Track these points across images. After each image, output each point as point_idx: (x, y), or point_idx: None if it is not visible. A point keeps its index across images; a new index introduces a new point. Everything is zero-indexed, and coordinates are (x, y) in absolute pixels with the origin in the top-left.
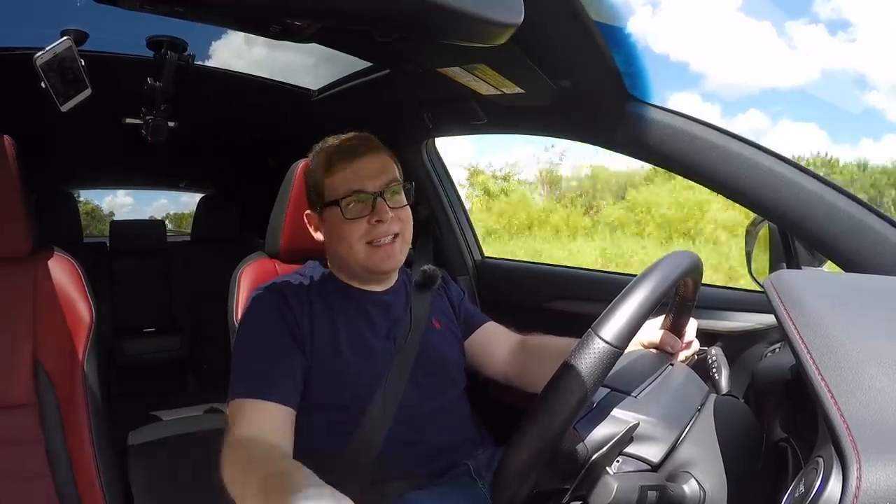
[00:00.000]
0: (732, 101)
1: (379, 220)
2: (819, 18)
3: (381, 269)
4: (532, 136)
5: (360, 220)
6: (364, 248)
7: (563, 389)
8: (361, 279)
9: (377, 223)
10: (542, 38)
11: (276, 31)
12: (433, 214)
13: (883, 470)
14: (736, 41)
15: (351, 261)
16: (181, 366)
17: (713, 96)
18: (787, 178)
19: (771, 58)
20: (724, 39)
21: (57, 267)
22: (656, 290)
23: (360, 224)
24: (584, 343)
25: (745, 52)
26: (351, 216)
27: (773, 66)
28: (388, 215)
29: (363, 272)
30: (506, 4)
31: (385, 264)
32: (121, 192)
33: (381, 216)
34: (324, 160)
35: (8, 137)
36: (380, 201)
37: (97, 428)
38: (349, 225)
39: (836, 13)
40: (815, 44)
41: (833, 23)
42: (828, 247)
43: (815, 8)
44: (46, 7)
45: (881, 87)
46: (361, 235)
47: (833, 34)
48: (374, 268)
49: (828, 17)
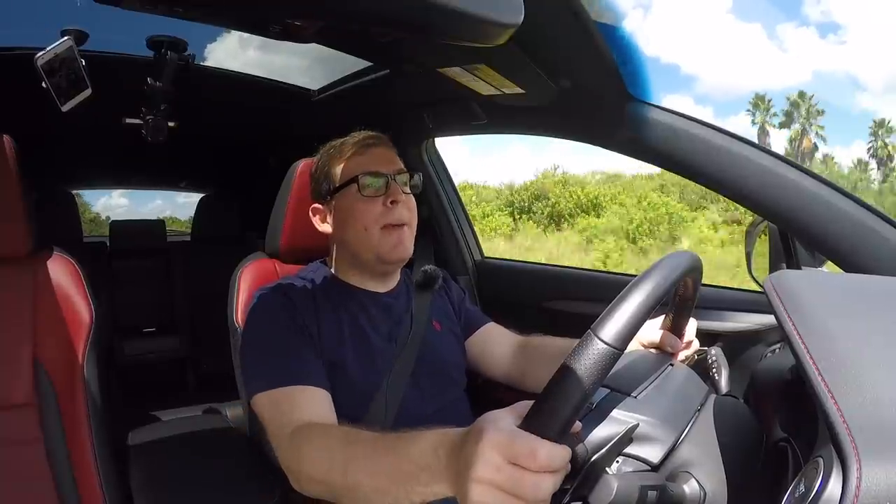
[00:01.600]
0: (725, 104)
1: (394, 200)
2: (809, 21)
3: (392, 258)
4: (532, 136)
5: (376, 199)
6: (378, 232)
7: (562, 390)
8: (367, 274)
9: (392, 204)
10: (542, 38)
11: (276, 32)
12: (433, 214)
13: (883, 469)
14: (727, 44)
15: (363, 246)
16: (181, 366)
17: (706, 98)
18: (787, 178)
19: (762, 60)
20: (715, 42)
21: (57, 267)
22: (656, 290)
23: (376, 204)
24: (583, 344)
25: (737, 54)
26: (367, 193)
27: (764, 68)
28: (401, 196)
29: (374, 260)
30: (506, 4)
31: (396, 251)
32: (116, 193)
33: (396, 196)
34: (336, 151)
35: (8, 137)
36: (393, 183)
37: (97, 428)
38: (364, 204)
39: (825, 16)
40: (806, 46)
41: (823, 25)
42: (828, 247)
43: (805, 10)
44: (46, 7)
45: (872, 88)
46: (377, 217)
47: (823, 36)
48: (385, 254)
49: (818, 20)
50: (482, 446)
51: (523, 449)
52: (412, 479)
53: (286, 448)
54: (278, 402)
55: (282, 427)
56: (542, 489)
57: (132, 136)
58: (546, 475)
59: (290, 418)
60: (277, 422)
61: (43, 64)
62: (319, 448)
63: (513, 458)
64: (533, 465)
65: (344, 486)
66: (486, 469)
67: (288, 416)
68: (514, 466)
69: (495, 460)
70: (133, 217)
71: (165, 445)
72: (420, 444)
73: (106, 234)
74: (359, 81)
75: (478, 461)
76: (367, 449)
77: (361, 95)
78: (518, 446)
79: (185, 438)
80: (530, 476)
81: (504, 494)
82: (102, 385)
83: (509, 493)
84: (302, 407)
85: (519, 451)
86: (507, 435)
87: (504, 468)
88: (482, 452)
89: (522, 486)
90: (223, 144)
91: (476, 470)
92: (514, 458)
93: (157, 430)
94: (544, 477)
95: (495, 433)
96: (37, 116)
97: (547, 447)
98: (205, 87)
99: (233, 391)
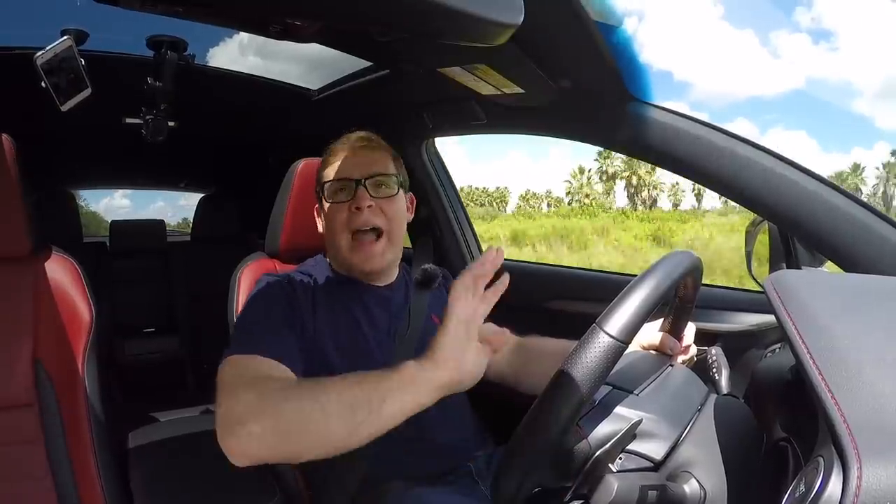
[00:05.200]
0: (720, 111)
1: (357, 207)
2: (801, 28)
3: (362, 269)
4: (532, 136)
5: (342, 205)
6: (347, 240)
7: (568, 383)
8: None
9: (356, 210)
10: (542, 38)
11: (276, 31)
12: (433, 214)
13: (884, 469)
14: (721, 50)
15: (337, 253)
16: (181, 366)
17: (701, 105)
18: (787, 178)
19: (756, 67)
20: (709, 48)
21: (57, 267)
22: (659, 286)
23: (342, 210)
24: (588, 337)
25: (731, 61)
26: (332, 199)
27: (759, 74)
28: (366, 202)
29: (349, 266)
30: (506, 4)
31: (366, 264)
32: (118, 194)
33: (360, 203)
34: (327, 153)
35: (8, 137)
36: (361, 189)
37: (97, 428)
38: (332, 209)
39: (816, 23)
40: (799, 53)
41: (815, 32)
42: (828, 247)
43: (796, 17)
44: (46, 7)
45: (866, 94)
46: (343, 223)
47: (816, 43)
48: (356, 265)
49: (808, 27)
50: None
51: None
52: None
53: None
54: (244, 364)
55: (239, 377)
56: None
57: (132, 136)
58: None
59: (253, 371)
60: (232, 376)
61: (43, 63)
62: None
63: None
64: None
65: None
66: None
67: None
68: None
69: None
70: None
71: (165, 446)
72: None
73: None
74: (359, 81)
75: None
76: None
77: (361, 95)
78: None
79: (185, 439)
80: None
81: None
82: (102, 385)
83: None
84: (264, 371)
85: None
86: None
87: None
88: None
89: None
90: (223, 144)
91: None
92: None
93: (156, 430)
94: None
95: None
96: (37, 116)
97: None
98: (205, 87)
99: None
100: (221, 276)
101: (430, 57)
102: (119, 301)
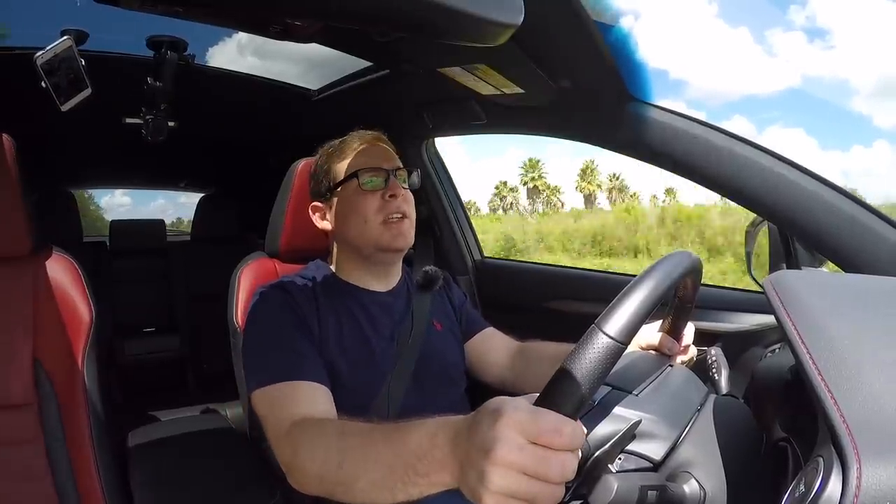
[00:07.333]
0: (717, 109)
1: (392, 194)
2: (795, 26)
3: (393, 247)
4: (532, 136)
5: (376, 193)
6: (378, 225)
7: (568, 384)
8: (368, 269)
9: (391, 198)
10: (542, 38)
11: (276, 31)
12: (433, 214)
13: (883, 469)
14: (717, 49)
15: (363, 238)
16: (181, 366)
17: (698, 104)
18: (787, 178)
19: (752, 65)
20: (705, 47)
21: (57, 267)
22: (659, 286)
23: (375, 197)
24: (587, 338)
25: (727, 59)
26: (368, 187)
27: (755, 72)
28: (400, 191)
29: (374, 252)
30: (506, 4)
31: (397, 241)
32: (118, 192)
33: (395, 191)
34: (336, 150)
35: (8, 137)
36: (393, 179)
37: (97, 428)
38: (365, 197)
39: (810, 21)
40: (795, 51)
41: (810, 30)
42: (828, 247)
43: (791, 16)
44: (46, 7)
45: (862, 92)
46: (377, 210)
47: (811, 41)
48: (386, 244)
49: (803, 25)
50: (501, 427)
51: (548, 426)
52: (410, 469)
53: (283, 443)
54: (276, 397)
55: (279, 422)
56: (568, 468)
57: (132, 135)
58: (570, 453)
59: (288, 413)
60: (275, 417)
61: (43, 63)
62: (314, 442)
63: (535, 437)
64: (557, 443)
65: (340, 479)
66: (508, 450)
67: (285, 411)
68: (536, 446)
69: (517, 440)
70: None
71: (165, 446)
72: (418, 431)
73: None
74: (359, 81)
75: (497, 443)
76: (362, 440)
77: (361, 95)
78: (542, 424)
79: (185, 438)
80: (555, 455)
81: (527, 478)
82: (102, 385)
83: (533, 476)
84: (300, 402)
85: (543, 429)
86: (528, 413)
87: (527, 448)
88: (501, 433)
89: (548, 466)
90: (223, 144)
91: (496, 452)
92: (538, 436)
93: (157, 430)
94: (569, 455)
95: (515, 412)
96: (37, 116)
97: (571, 423)
98: (205, 87)
99: (233, 391)
100: (221, 276)
101: (430, 57)
102: (119, 301)
